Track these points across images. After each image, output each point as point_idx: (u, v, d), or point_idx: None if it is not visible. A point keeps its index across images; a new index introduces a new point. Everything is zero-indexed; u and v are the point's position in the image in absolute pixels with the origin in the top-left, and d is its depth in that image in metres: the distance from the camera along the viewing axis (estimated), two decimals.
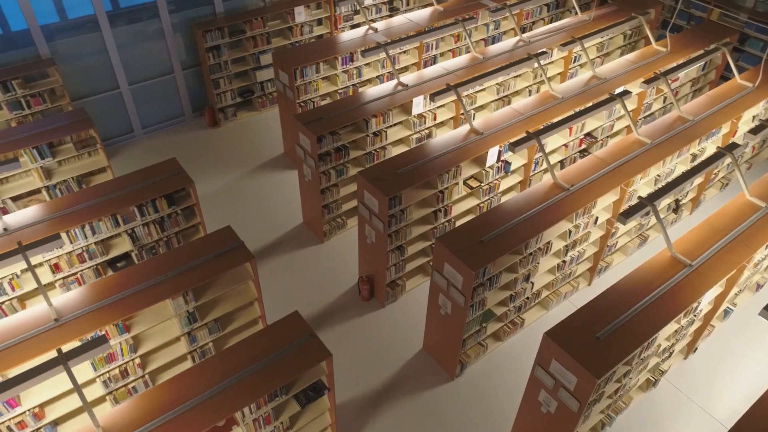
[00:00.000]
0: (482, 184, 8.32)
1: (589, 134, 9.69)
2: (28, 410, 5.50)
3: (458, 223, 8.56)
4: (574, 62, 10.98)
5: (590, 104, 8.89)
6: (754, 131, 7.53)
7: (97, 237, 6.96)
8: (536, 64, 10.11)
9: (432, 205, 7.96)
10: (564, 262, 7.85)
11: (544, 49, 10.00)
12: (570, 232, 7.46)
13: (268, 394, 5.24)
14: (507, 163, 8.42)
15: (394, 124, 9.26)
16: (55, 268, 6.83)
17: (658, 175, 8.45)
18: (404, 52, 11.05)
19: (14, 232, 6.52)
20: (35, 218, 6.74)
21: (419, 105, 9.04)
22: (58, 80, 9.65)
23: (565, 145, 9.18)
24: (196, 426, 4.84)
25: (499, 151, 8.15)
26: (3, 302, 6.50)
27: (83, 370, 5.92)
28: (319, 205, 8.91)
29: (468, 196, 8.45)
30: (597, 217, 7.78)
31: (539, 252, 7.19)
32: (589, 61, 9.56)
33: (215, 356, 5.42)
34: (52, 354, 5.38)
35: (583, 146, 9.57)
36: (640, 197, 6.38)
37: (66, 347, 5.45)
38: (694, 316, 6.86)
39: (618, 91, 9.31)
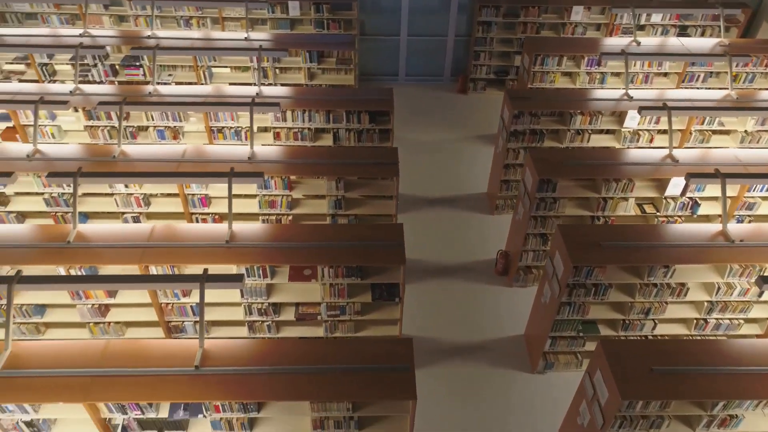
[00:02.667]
0: (658, 214, 7.86)
1: None
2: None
3: None
4: None
5: None
6: None
7: (311, 124, 8.80)
8: None
9: (590, 210, 7.88)
10: (705, 321, 7.06)
11: None
12: (718, 287, 6.69)
13: (345, 267, 6.32)
14: (695, 203, 7.75)
15: (603, 131, 9.17)
16: (277, 136, 8.90)
17: None
18: (664, 75, 10.58)
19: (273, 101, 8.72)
20: (286, 93, 8.79)
21: (634, 119, 8.78)
22: (355, 14, 11.91)
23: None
24: (293, 262, 6.18)
25: (686, 185, 7.57)
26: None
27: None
28: (499, 178, 9.46)
29: (637, 218, 8.05)
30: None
31: (666, 289, 6.67)
32: None
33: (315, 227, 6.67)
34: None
35: None
36: None
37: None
38: None
39: None
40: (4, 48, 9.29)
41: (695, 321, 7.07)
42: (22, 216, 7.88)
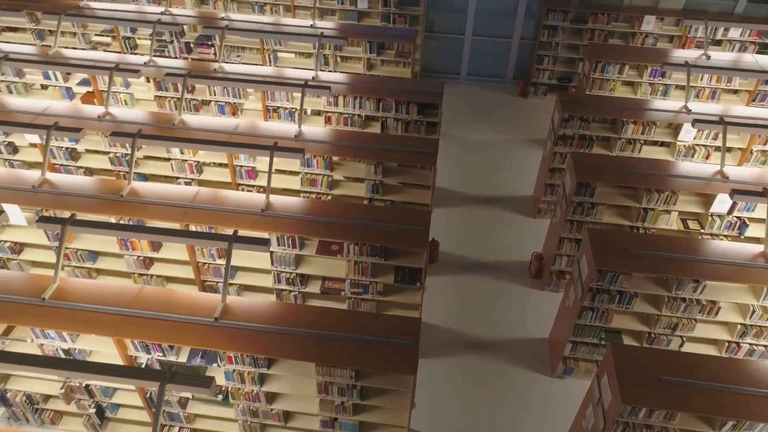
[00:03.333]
0: (702, 231, 7.60)
1: None
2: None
3: None
4: None
5: None
6: None
7: (361, 111, 9.07)
8: None
9: (629, 220, 7.72)
10: (738, 345, 6.78)
11: None
12: (753, 310, 6.41)
13: (370, 246, 6.54)
14: (744, 224, 7.44)
15: (658, 143, 8.92)
16: (328, 120, 9.23)
17: None
18: (734, 92, 10.13)
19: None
20: (340, 79, 9.11)
21: (689, 133, 8.49)
22: (421, 11, 12.11)
23: None
24: (321, 236, 6.48)
25: (733, 203, 7.28)
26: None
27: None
28: (544, 182, 9.39)
29: (680, 232, 7.81)
30: None
31: (696, 305, 6.46)
32: None
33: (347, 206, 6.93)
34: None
35: None
36: None
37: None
38: None
39: None
40: (93, 20, 10.15)
41: (727, 344, 6.81)
42: (90, 172, 8.60)
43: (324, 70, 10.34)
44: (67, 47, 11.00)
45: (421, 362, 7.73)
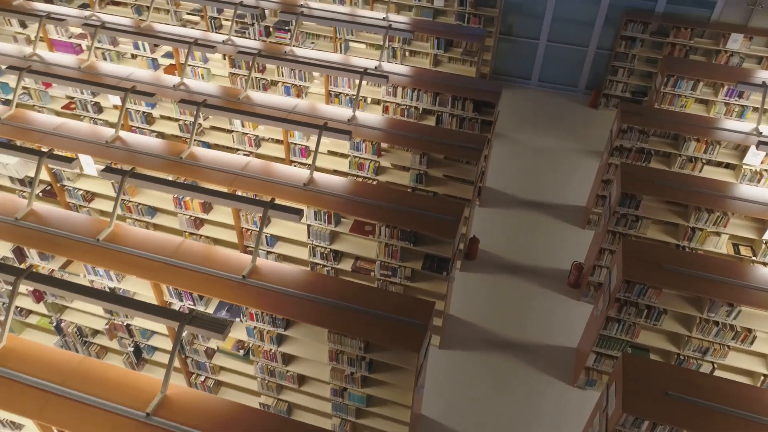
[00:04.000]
0: (754, 258, 7.22)
1: None
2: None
3: None
4: None
5: None
6: None
7: (418, 103, 9.27)
8: None
9: (675, 237, 7.46)
10: None
11: None
12: None
13: (400, 230, 6.74)
14: None
15: (722, 164, 8.53)
16: (385, 109, 9.50)
17: None
18: None
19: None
20: (401, 71, 9.36)
21: (756, 156, 8.07)
22: (497, 12, 12.13)
23: None
24: (355, 214, 6.77)
25: None
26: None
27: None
28: (596, 192, 9.20)
29: (729, 257, 7.46)
30: None
31: (729, 331, 6.19)
32: None
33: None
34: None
35: None
36: None
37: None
38: None
39: None
40: None
41: (762, 377, 6.46)
42: (161, 136, 9.32)
43: (391, 62, 10.61)
44: (159, 23, 11.90)
45: (444, 353, 7.84)
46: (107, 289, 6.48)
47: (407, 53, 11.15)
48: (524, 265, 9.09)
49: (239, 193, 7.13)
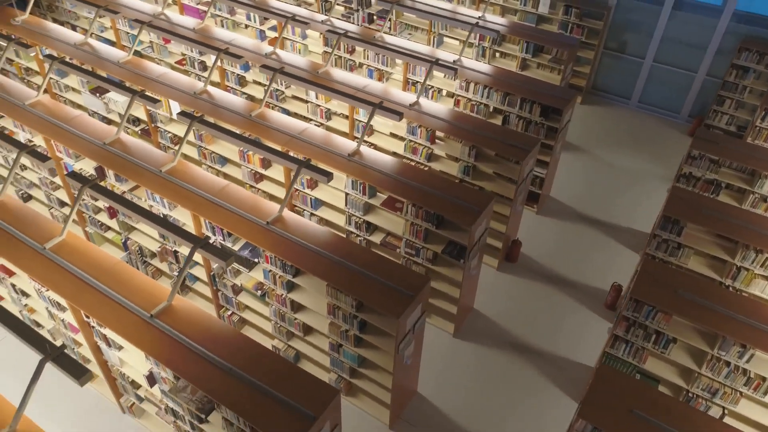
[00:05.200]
0: None
1: None
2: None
3: None
4: None
5: None
6: None
7: (488, 101, 9.40)
8: None
9: (719, 273, 7.01)
10: None
11: None
12: None
13: (425, 210, 7.01)
14: None
15: None
16: (457, 103, 9.73)
17: None
18: None
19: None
20: (480, 69, 9.58)
21: None
22: (602, 25, 11.81)
23: None
24: (389, 191, 7.16)
25: None
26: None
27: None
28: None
29: None
30: None
31: (740, 375, 5.77)
32: None
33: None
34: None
35: None
36: None
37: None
38: None
39: None
40: None
41: None
42: (250, 99, 10.29)
43: (480, 61, 10.79)
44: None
45: (457, 341, 7.98)
46: (161, 215, 7.43)
47: (497, 54, 11.25)
48: (565, 277, 8.91)
49: (291, 154, 7.79)
